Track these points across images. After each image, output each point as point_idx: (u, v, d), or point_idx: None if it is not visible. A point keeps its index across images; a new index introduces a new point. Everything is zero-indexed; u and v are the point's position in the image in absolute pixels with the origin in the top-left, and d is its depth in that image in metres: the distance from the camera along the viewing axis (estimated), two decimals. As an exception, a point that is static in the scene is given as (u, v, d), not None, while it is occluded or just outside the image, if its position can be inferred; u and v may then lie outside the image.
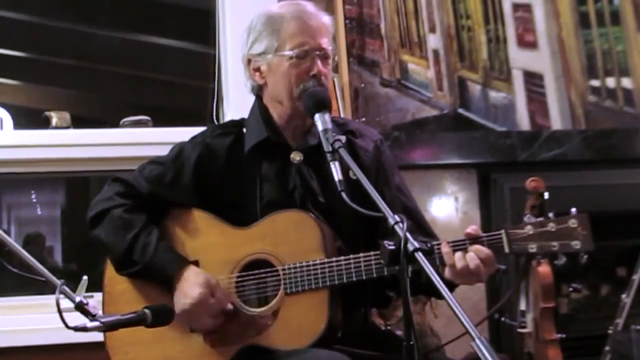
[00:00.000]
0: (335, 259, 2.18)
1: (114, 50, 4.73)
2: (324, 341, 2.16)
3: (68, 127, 3.52)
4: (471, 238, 2.11)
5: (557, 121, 3.85)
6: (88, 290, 1.96)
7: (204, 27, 3.82)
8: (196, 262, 2.30)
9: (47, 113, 3.55)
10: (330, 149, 2.05)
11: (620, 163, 3.88)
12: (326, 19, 2.35)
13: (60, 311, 1.82)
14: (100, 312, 1.93)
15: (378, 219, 1.89)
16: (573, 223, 2.06)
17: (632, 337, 2.88)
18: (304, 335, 2.17)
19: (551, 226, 2.07)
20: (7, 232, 2.47)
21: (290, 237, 2.24)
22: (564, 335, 3.03)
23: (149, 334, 2.07)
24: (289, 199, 2.31)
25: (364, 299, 2.35)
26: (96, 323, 1.87)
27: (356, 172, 1.98)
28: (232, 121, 2.52)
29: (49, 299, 2.04)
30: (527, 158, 3.78)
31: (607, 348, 2.83)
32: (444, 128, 3.76)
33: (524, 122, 3.82)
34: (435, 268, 1.77)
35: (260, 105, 2.40)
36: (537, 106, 3.84)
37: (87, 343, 2.56)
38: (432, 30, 3.81)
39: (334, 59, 2.40)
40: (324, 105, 2.19)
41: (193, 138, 2.43)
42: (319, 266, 2.19)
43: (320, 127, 2.11)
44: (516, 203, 3.42)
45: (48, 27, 4.68)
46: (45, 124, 3.53)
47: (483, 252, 2.09)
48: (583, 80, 3.89)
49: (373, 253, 2.15)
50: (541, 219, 2.09)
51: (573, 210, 2.08)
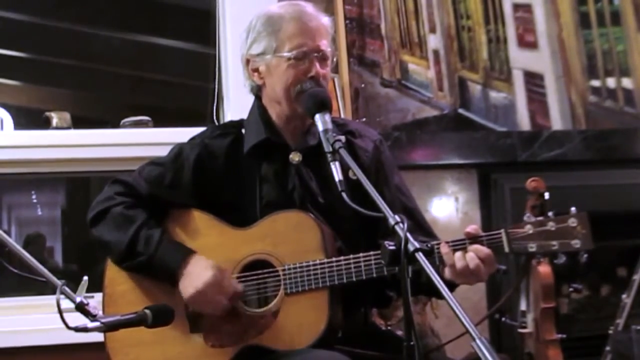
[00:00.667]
0: (335, 259, 2.18)
1: (115, 50, 4.73)
2: (324, 341, 2.16)
3: (68, 128, 3.52)
4: (471, 238, 2.11)
5: (558, 121, 3.84)
6: (88, 290, 1.96)
7: (205, 28, 3.81)
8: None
9: (48, 113, 3.55)
10: (330, 149, 2.04)
11: (620, 163, 3.88)
12: (326, 20, 2.35)
13: (60, 312, 1.82)
14: (100, 313, 1.93)
15: (378, 220, 1.89)
16: (572, 222, 2.06)
17: (633, 337, 2.88)
18: (304, 335, 2.17)
19: (551, 225, 2.07)
20: (8, 233, 2.48)
21: (290, 238, 2.24)
22: (565, 335, 3.03)
23: (150, 335, 2.07)
24: (289, 200, 2.31)
25: (364, 299, 2.35)
26: (97, 323, 1.87)
27: (356, 172, 1.98)
28: (232, 122, 2.52)
29: (50, 300, 2.05)
30: (528, 158, 3.78)
31: (608, 348, 2.83)
32: (445, 128, 3.76)
33: (525, 122, 3.82)
34: (435, 268, 1.77)
35: (259, 105, 2.39)
36: (538, 106, 3.84)
37: (88, 343, 2.56)
38: (433, 30, 3.81)
39: (334, 60, 2.39)
40: (325, 105, 2.18)
41: (192, 139, 2.43)
42: (319, 266, 2.19)
43: (320, 128, 2.11)
44: (517, 203, 3.42)
45: (48, 28, 4.68)
46: (45, 125, 3.53)
47: (483, 252, 2.09)
48: (583, 80, 3.88)
49: (373, 253, 2.15)
50: (541, 218, 2.09)
51: (573, 209, 2.07)
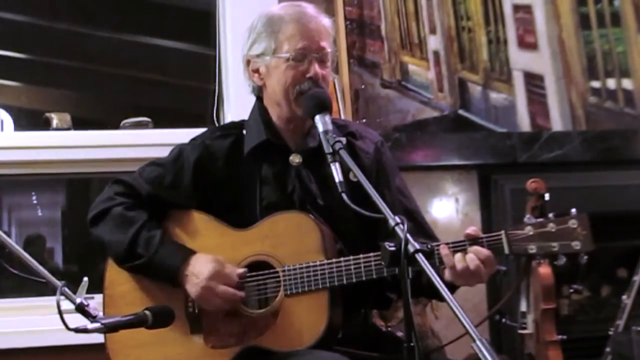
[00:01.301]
0: (335, 260, 2.18)
1: (115, 51, 4.72)
2: (324, 342, 2.15)
3: (68, 129, 3.52)
4: (471, 239, 2.11)
5: (558, 122, 3.84)
6: (88, 291, 1.96)
7: (205, 29, 3.81)
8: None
9: (48, 114, 3.55)
10: (330, 150, 2.04)
11: (620, 164, 3.88)
12: (326, 22, 2.34)
13: (60, 313, 1.82)
14: (100, 314, 1.93)
15: (378, 221, 1.89)
16: (573, 223, 2.05)
17: (633, 338, 2.88)
18: (305, 336, 2.16)
19: (551, 227, 2.07)
20: (8, 234, 2.47)
21: (290, 239, 2.24)
22: (565, 336, 3.03)
23: (150, 336, 2.07)
24: (288, 201, 2.31)
25: (365, 301, 2.35)
26: (97, 324, 1.87)
27: (356, 173, 1.98)
28: (232, 123, 2.52)
29: (50, 301, 2.05)
30: (528, 159, 3.78)
31: (608, 349, 2.83)
32: (445, 129, 3.76)
33: (525, 123, 3.82)
34: (435, 269, 1.77)
35: (260, 106, 2.39)
36: (538, 107, 3.84)
37: (88, 345, 2.57)
38: (433, 31, 3.81)
39: (334, 61, 2.39)
40: (325, 106, 2.18)
41: (193, 140, 2.43)
42: (319, 267, 2.18)
43: (320, 129, 2.11)
44: (517, 204, 3.41)
45: (48, 29, 4.68)
46: (45, 126, 3.53)
47: (483, 253, 2.08)
48: (583, 81, 3.88)
49: (373, 254, 2.15)
50: (541, 220, 2.08)
51: (573, 210, 2.07)
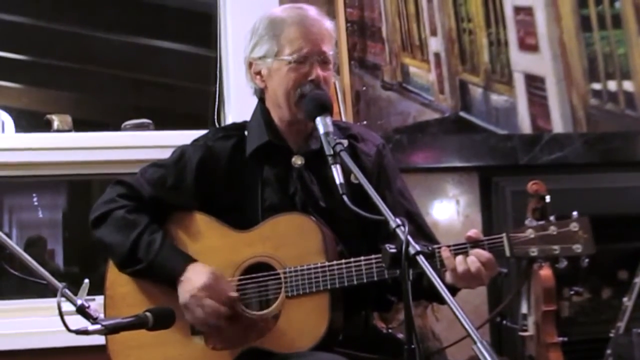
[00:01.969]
0: (336, 263, 2.18)
1: (116, 53, 4.72)
2: (325, 344, 2.15)
3: (69, 130, 3.52)
4: (472, 242, 2.11)
5: (559, 124, 3.85)
6: (89, 293, 1.96)
7: (206, 30, 3.82)
8: (197, 265, 2.30)
9: (49, 116, 3.55)
10: (331, 152, 2.04)
11: (621, 166, 3.89)
12: (328, 24, 2.34)
13: (61, 314, 1.81)
14: (101, 315, 1.93)
15: (379, 223, 1.89)
16: (574, 226, 2.05)
17: (634, 341, 2.88)
18: (305, 338, 2.16)
19: (552, 229, 2.07)
20: (9, 235, 2.48)
21: (291, 241, 2.24)
22: (566, 338, 3.04)
23: (151, 337, 2.07)
24: (290, 203, 2.31)
25: (365, 303, 2.35)
26: (98, 326, 1.87)
27: (357, 175, 1.97)
28: (235, 124, 2.52)
29: (51, 302, 2.04)
30: (529, 161, 3.78)
31: (609, 351, 2.83)
32: (446, 131, 3.76)
33: (526, 125, 3.82)
34: (436, 272, 1.77)
35: (262, 108, 2.39)
36: (539, 109, 3.84)
37: (89, 346, 2.56)
38: (434, 33, 3.81)
39: (335, 63, 2.39)
40: (326, 108, 2.18)
41: (195, 141, 2.43)
42: (320, 269, 2.18)
43: (321, 130, 2.11)
44: (518, 206, 3.42)
45: (49, 30, 4.68)
46: (46, 127, 3.52)
47: (484, 256, 2.08)
48: (584, 83, 3.89)
49: (374, 256, 2.15)
50: (542, 223, 2.08)
51: (574, 213, 2.07)
